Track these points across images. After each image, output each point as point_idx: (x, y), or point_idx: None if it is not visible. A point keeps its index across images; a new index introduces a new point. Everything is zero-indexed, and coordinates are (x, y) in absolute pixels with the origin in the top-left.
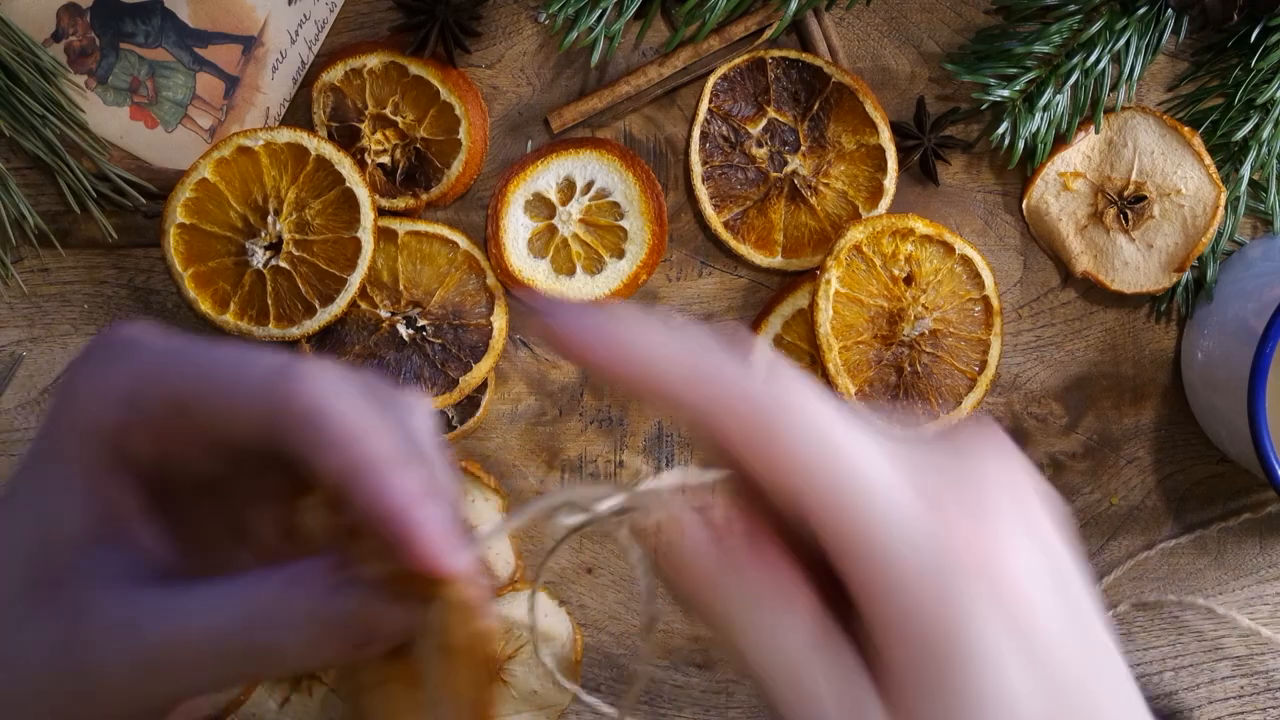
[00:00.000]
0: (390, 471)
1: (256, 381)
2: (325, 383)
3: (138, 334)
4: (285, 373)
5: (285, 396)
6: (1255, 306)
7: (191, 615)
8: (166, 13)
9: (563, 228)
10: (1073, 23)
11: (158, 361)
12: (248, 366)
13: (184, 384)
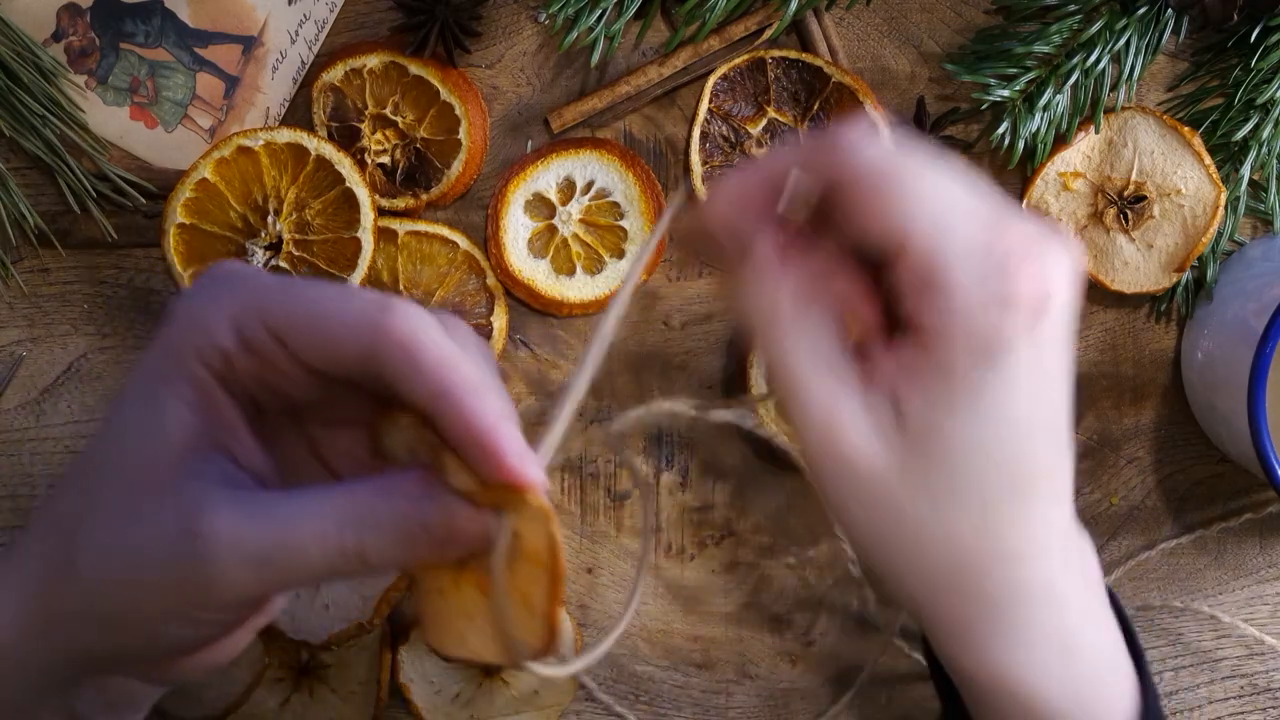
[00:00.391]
0: (477, 395)
1: (356, 314)
2: (417, 317)
3: (243, 268)
4: (382, 306)
5: (384, 328)
6: (1255, 306)
7: (295, 517)
8: (166, 13)
9: (563, 228)
10: (1073, 23)
11: (265, 293)
12: (348, 299)
13: (289, 315)
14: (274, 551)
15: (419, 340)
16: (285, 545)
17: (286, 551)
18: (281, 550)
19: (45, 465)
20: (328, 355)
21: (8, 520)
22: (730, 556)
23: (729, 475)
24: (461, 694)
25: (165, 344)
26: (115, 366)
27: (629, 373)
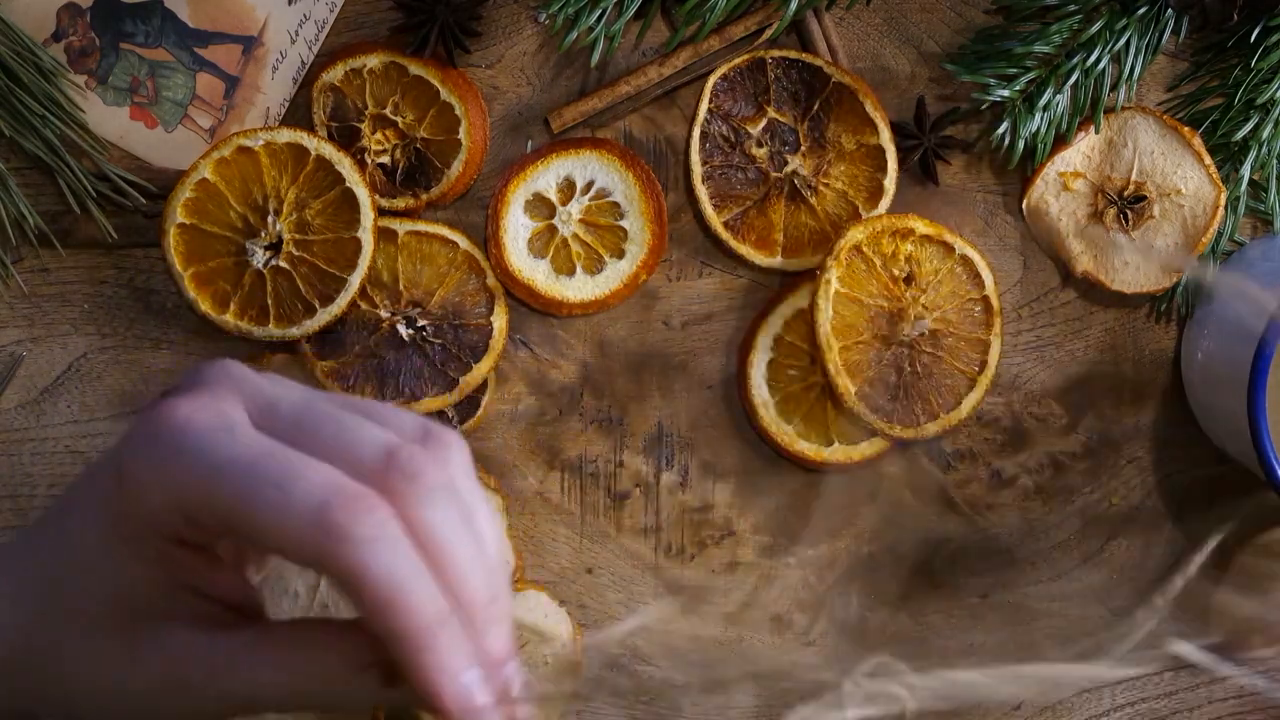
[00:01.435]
0: (424, 641)
1: (296, 534)
2: (368, 542)
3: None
4: (324, 530)
5: (325, 555)
6: (1255, 307)
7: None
8: (166, 13)
9: (563, 228)
10: (1073, 23)
11: (206, 484)
12: (288, 516)
13: (230, 517)
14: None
15: (363, 575)
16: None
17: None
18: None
19: (45, 465)
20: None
21: (8, 520)
22: (730, 556)
23: (729, 475)
24: None
25: (115, 496)
26: (115, 366)
27: (629, 373)
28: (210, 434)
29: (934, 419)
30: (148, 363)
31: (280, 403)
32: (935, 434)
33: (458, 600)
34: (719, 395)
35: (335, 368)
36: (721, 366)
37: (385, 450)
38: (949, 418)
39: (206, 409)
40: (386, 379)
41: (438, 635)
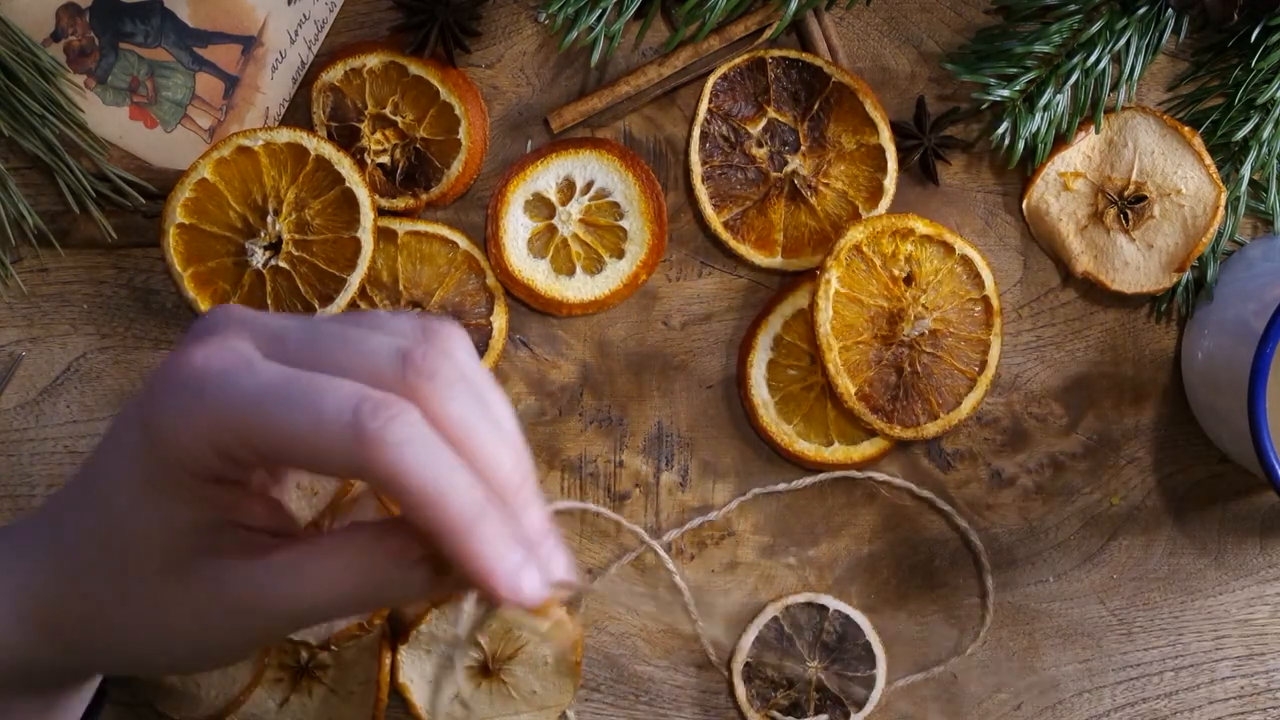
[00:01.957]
0: (469, 531)
1: (333, 446)
2: (397, 445)
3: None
4: (360, 438)
5: (362, 464)
6: (1255, 306)
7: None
8: (166, 13)
9: (562, 228)
10: (1073, 23)
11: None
12: (321, 430)
13: (265, 441)
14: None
15: (402, 474)
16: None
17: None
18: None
19: (45, 465)
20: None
21: (8, 520)
22: (730, 556)
23: (729, 475)
24: (460, 694)
25: (150, 446)
26: (115, 366)
27: (629, 373)
28: (230, 372)
29: (934, 419)
30: (147, 363)
31: (287, 332)
32: (935, 434)
33: (492, 486)
34: (719, 395)
35: None
36: (721, 366)
37: (398, 355)
38: (949, 418)
39: (220, 350)
40: None
41: (481, 523)
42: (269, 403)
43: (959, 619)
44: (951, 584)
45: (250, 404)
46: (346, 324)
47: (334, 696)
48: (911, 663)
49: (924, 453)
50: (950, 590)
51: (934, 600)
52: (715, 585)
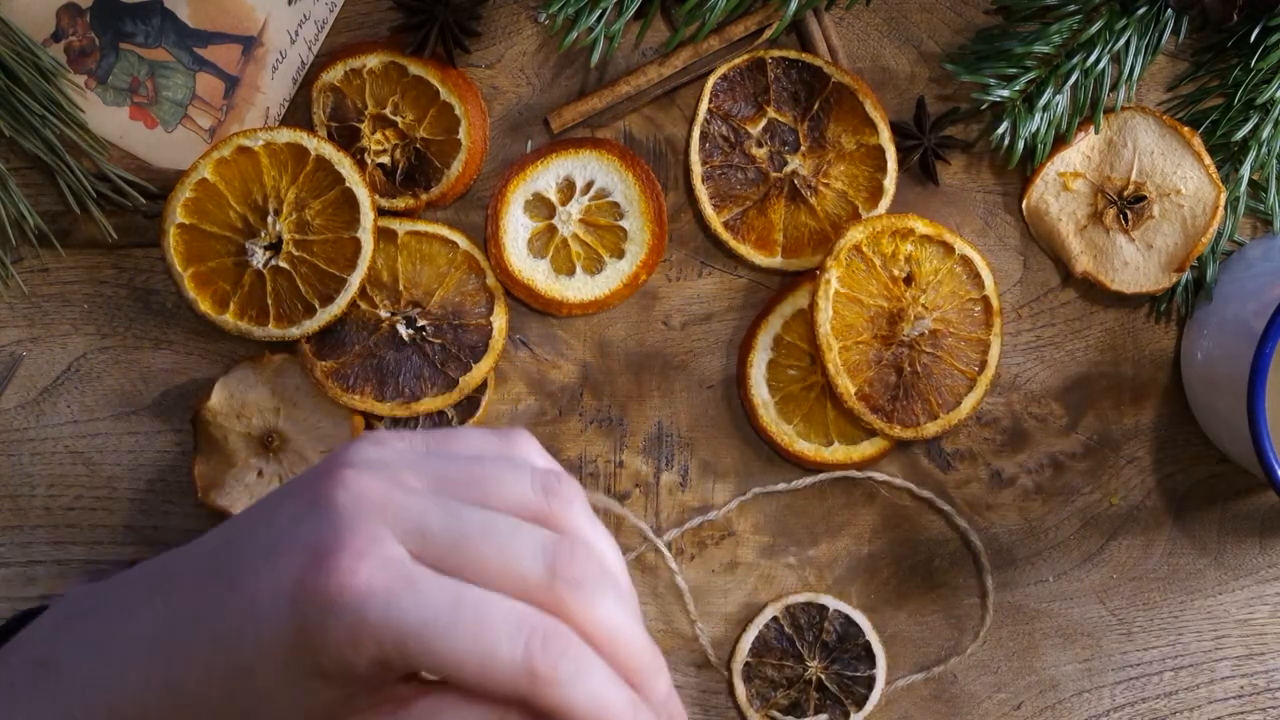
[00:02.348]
0: None
1: (503, 683)
2: (571, 680)
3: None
4: (534, 675)
5: (534, 697)
6: (1255, 306)
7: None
8: (166, 13)
9: (562, 228)
10: (1073, 23)
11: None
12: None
13: (431, 665)
14: None
15: (572, 709)
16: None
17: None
18: None
19: (45, 465)
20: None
21: (8, 520)
22: (730, 556)
23: (729, 475)
24: None
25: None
26: (115, 366)
27: (629, 373)
28: (394, 594)
29: (934, 419)
30: (148, 363)
31: (430, 526)
32: (935, 434)
33: (634, 680)
34: (719, 395)
35: (335, 368)
36: (721, 366)
37: (544, 561)
38: (949, 418)
39: (379, 568)
40: (386, 379)
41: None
42: (437, 631)
43: (959, 619)
44: (951, 584)
45: (417, 631)
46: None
47: None
48: (911, 663)
49: (924, 453)
50: (950, 590)
51: (934, 600)
52: (715, 585)
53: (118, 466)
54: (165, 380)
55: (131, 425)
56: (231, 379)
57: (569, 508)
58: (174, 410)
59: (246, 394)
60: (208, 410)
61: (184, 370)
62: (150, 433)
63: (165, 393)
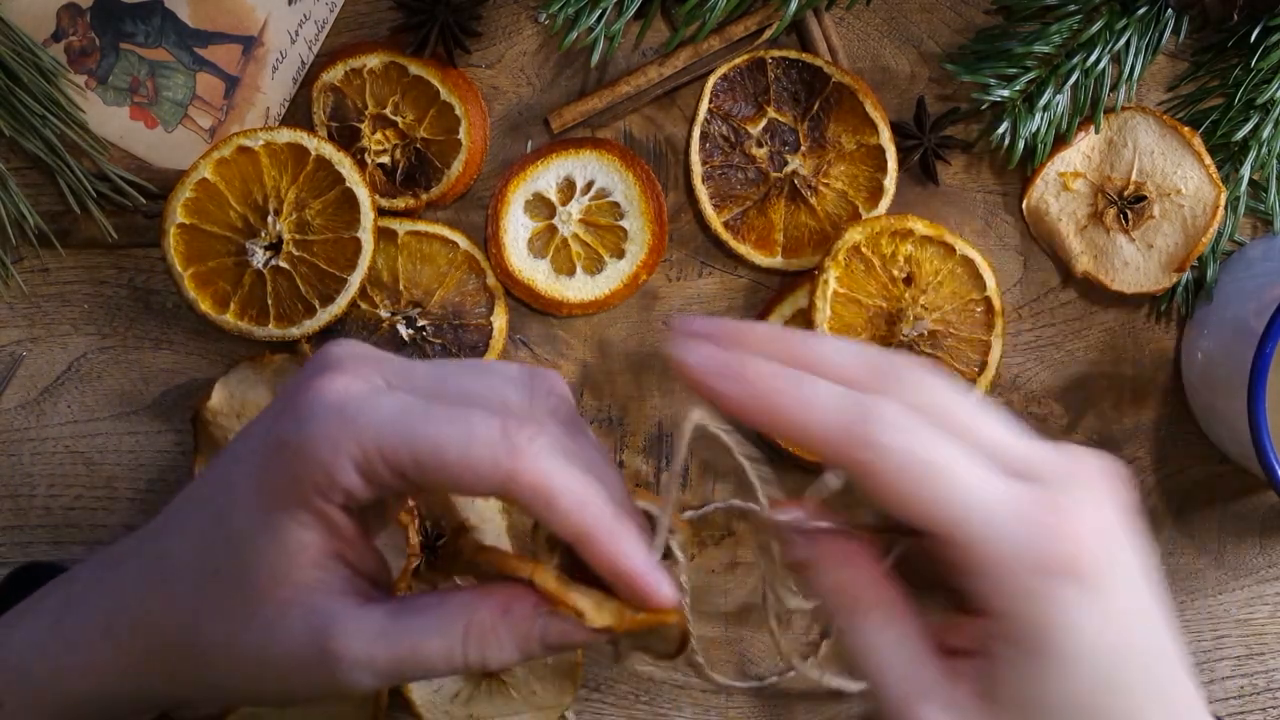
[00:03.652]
0: (614, 537)
1: (484, 460)
2: (544, 457)
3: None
4: (510, 449)
5: (515, 477)
6: (1255, 306)
7: (421, 637)
8: (166, 13)
9: (563, 228)
10: (1073, 23)
11: (385, 433)
12: (473, 439)
13: (414, 459)
14: (401, 665)
15: (549, 486)
16: (413, 661)
17: (412, 665)
18: (408, 664)
19: (45, 465)
20: (455, 491)
21: (8, 520)
22: (730, 556)
23: (729, 475)
24: (461, 694)
25: (287, 471)
26: (115, 366)
27: (629, 373)
28: (373, 396)
29: None
30: (148, 363)
31: (414, 368)
32: None
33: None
34: None
35: None
36: None
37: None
38: None
39: (357, 379)
40: None
41: (620, 527)
42: (417, 422)
43: None
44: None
45: (399, 424)
46: (466, 365)
47: None
48: None
49: None
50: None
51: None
52: (715, 585)
53: (118, 466)
54: (165, 380)
55: (131, 425)
56: (232, 379)
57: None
58: (174, 410)
59: (246, 394)
60: (208, 410)
61: (184, 370)
62: (150, 433)
63: (165, 393)
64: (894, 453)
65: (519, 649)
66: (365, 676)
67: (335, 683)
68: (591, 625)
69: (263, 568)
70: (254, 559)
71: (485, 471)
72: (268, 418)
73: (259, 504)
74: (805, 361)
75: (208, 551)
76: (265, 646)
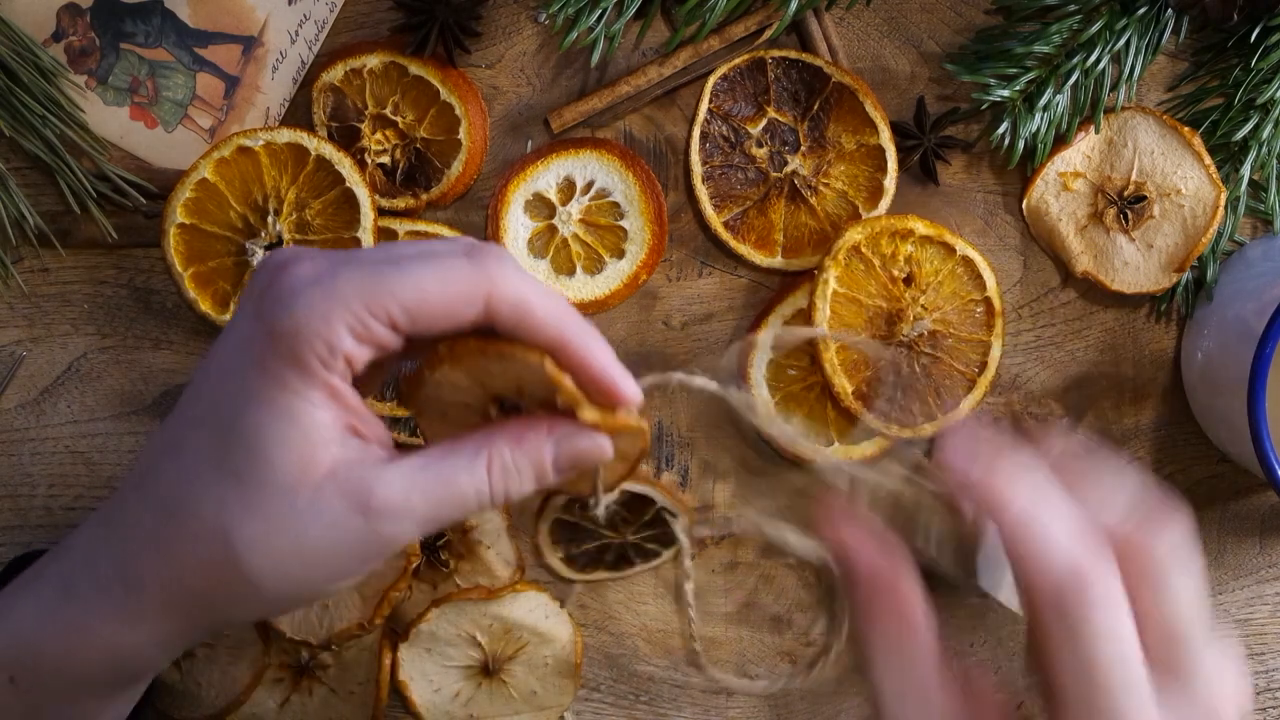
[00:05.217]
0: (588, 342)
1: (464, 288)
2: (515, 274)
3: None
4: (484, 273)
5: (494, 298)
6: (1255, 306)
7: (453, 478)
8: (166, 13)
9: (563, 228)
10: (1073, 23)
11: (370, 289)
12: (448, 274)
13: (401, 305)
14: (439, 508)
15: (528, 303)
16: (448, 502)
17: (448, 506)
18: (445, 506)
19: (45, 465)
20: (442, 327)
21: (8, 520)
22: (730, 556)
23: (729, 475)
24: (461, 693)
25: (285, 353)
26: (115, 366)
27: None
28: (339, 264)
29: (932, 419)
30: (148, 363)
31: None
32: (932, 434)
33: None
34: None
35: None
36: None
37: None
38: (947, 418)
39: (317, 261)
40: (386, 380)
41: (592, 336)
42: (391, 275)
43: (960, 619)
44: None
45: (376, 281)
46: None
47: (334, 696)
48: None
49: (925, 452)
50: (950, 590)
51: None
52: (715, 585)
53: (118, 466)
54: (165, 380)
55: (131, 425)
56: None
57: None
58: None
59: None
60: None
61: (184, 370)
62: (150, 433)
63: (165, 393)
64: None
65: (534, 475)
66: (408, 526)
67: (380, 542)
68: (584, 420)
69: (289, 458)
70: (278, 452)
71: (467, 298)
72: (242, 323)
73: (269, 396)
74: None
75: (223, 461)
76: (303, 535)
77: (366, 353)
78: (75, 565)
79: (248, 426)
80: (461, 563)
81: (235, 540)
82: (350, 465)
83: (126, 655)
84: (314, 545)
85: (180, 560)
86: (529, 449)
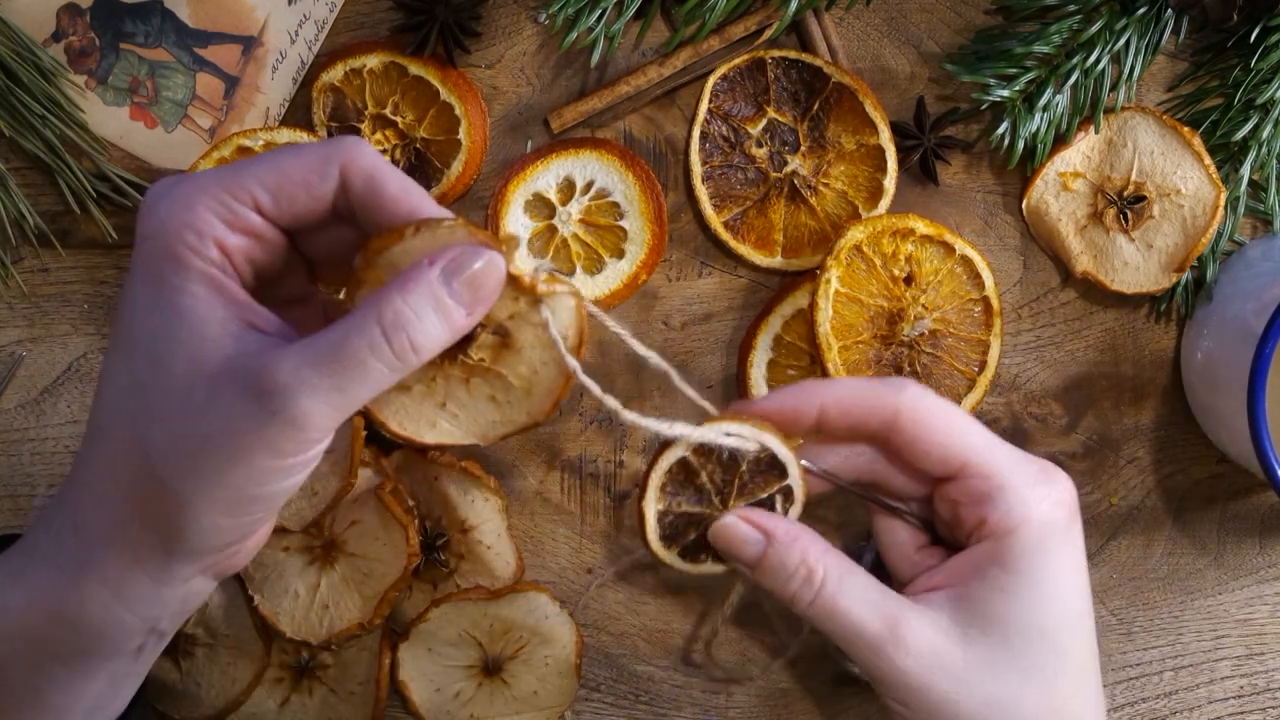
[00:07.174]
0: (419, 192)
1: (318, 164)
2: (366, 148)
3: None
4: (340, 148)
5: (347, 165)
6: (1255, 306)
7: (343, 340)
8: (166, 13)
9: (562, 228)
10: (1073, 23)
11: (229, 175)
12: (306, 157)
13: (261, 183)
14: (339, 378)
15: (380, 171)
16: (347, 367)
17: (350, 372)
18: (345, 374)
19: (45, 465)
20: (304, 205)
21: (8, 520)
22: None
23: None
24: (461, 693)
25: (159, 251)
26: None
27: (629, 373)
28: (202, 172)
29: None
30: None
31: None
32: None
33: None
34: (719, 395)
35: None
36: (721, 366)
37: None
38: None
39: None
40: None
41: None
42: (248, 165)
43: None
44: None
45: (234, 171)
46: None
47: (334, 696)
48: None
49: None
50: None
51: None
52: (715, 585)
53: None
54: None
55: None
56: None
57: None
58: None
59: None
60: None
61: None
62: None
63: None
64: (933, 402)
65: (436, 312)
66: (312, 403)
67: (286, 424)
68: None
69: (182, 356)
70: (171, 353)
71: (321, 170)
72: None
73: (154, 299)
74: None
75: (132, 376)
76: (207, 431)
77: (241, 242)
78: (39, 523)
79: (143, 335)
80: (461, 563)
81: (149, 449)
82: (246, 356)
83: (74, 607)
84: (219, 442)
85: (110, 485)
86: (418, 288)
